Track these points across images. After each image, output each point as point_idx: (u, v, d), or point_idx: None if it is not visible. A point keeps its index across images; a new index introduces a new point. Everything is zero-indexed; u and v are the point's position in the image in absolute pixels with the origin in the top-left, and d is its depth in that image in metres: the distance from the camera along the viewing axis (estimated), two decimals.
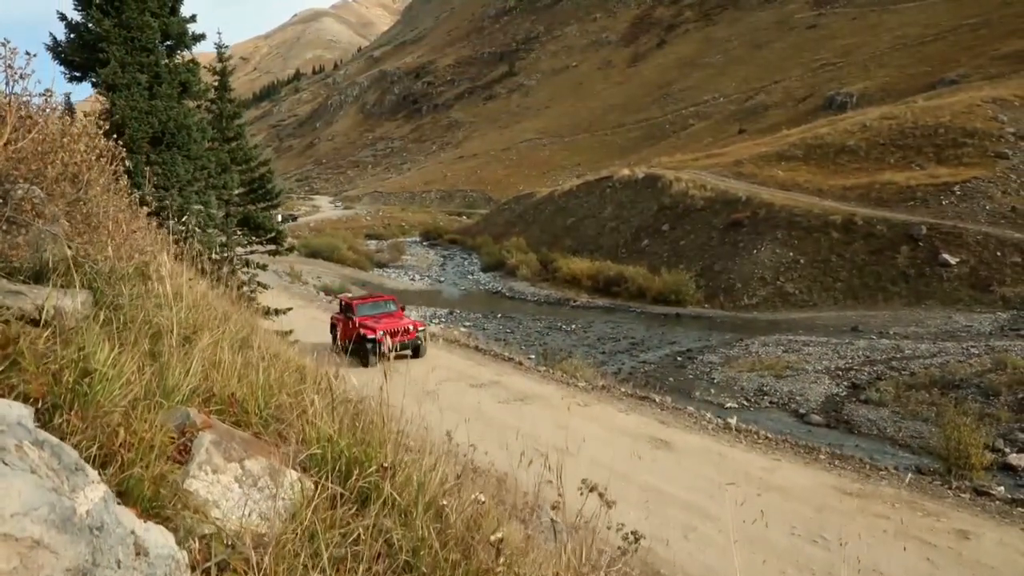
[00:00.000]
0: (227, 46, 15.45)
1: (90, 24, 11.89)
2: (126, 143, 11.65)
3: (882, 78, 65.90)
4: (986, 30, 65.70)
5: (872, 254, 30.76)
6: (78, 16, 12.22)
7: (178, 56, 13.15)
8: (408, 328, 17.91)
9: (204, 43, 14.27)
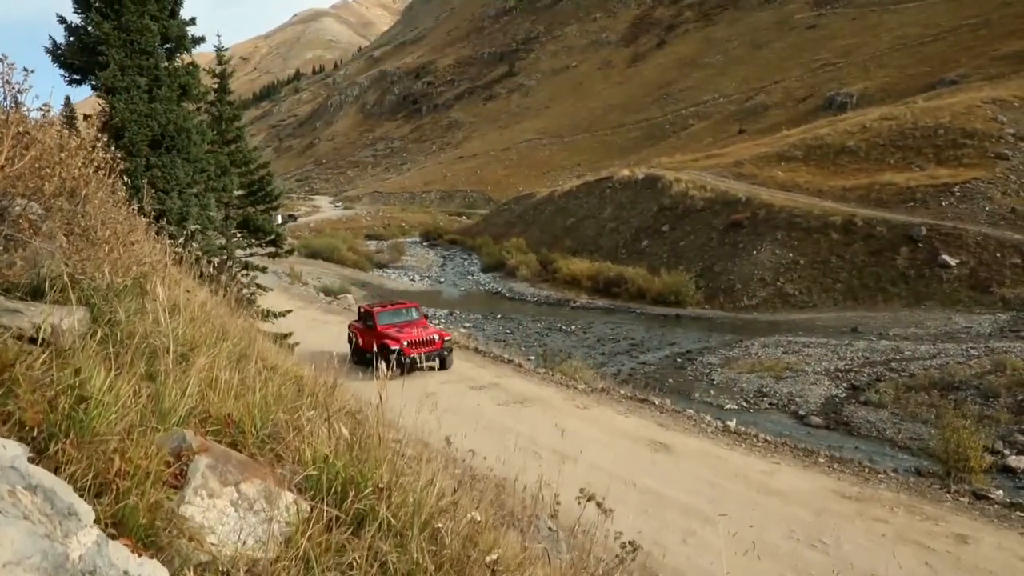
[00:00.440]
0: (227, 48, 15.46)
1: (89, 27, 11.87)
2: (125, 146, 11.68)
3: (882, 78, 65.88)
4: (986, 30, 65.67)
5: (872, 255, 30.75)
6: (77, 19, 12.20)
7: (178, 59, 13.13)
8: (433, 338, 16.84)
9: (204, 45, 14.28)
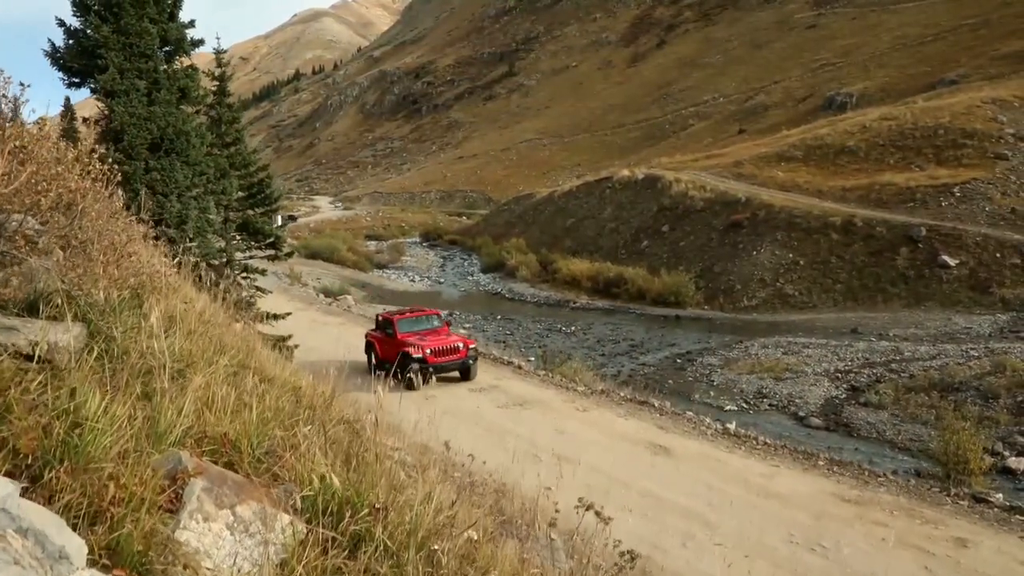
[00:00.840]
0: (225, 50, 15.45)
1: (88, 30, 11.85)
2: (125, 149, 11.69)
3: (882, 78, 65.84)
4: (986, 30, 65.64)
5: (872, 255, 30.74)
6: (76, 22, 12.19)
7: (177, 61, 13.12)
8: (457, 346, 16.17)
9: (203, 46, 14.26)
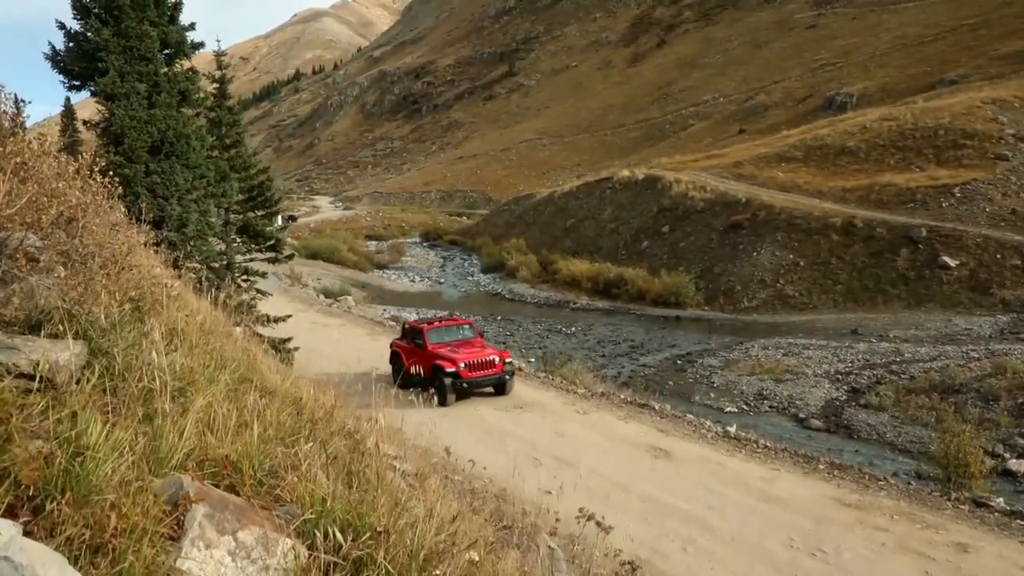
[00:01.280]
0: (226, 52, 15.44)
1: (89, 33, 11.85)
2: (125, 152, 11.70)
3: (882, 78, 65.83)
4: (986, 30, 65.62)
5: (872, 256, 30.73)
6: (77, 25, 12.19)
7: (177, 64, 13.12)
8: (493, 360, 14.89)
9: (203, 48, 14.25)
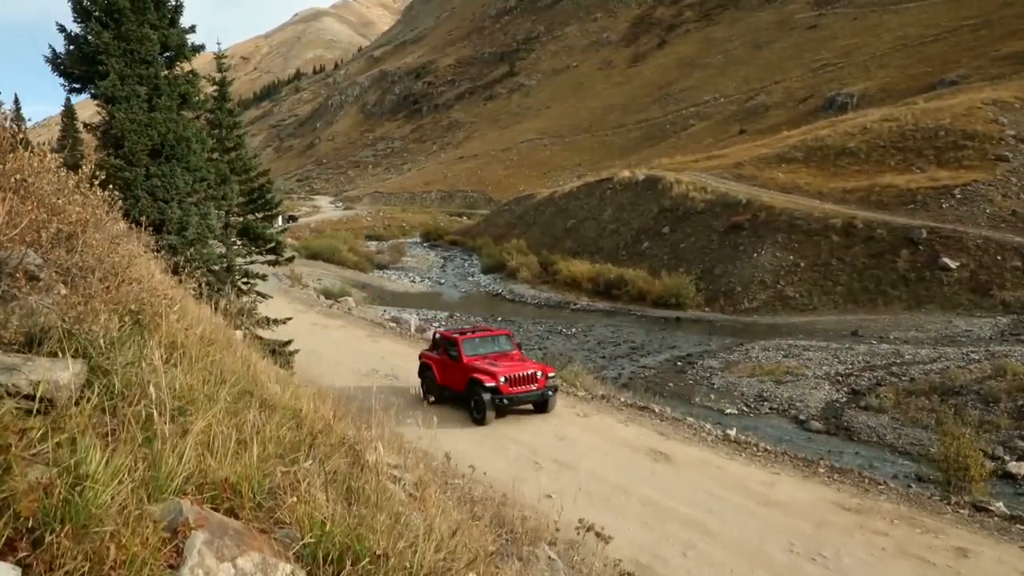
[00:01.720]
0: (226, 56, 15.44)
1: (89, 36, 11.85)
2: (125, 156, 11.70)
3: (882, 78, 65.82)
4: (986, 31, 65.61)
5: (872, 258, 30.73)
6: (77, 28, 12.19)
7: (177, 67, 13.11)
8: (534, 374, 13.77)
9: (203, 51, 14.24)
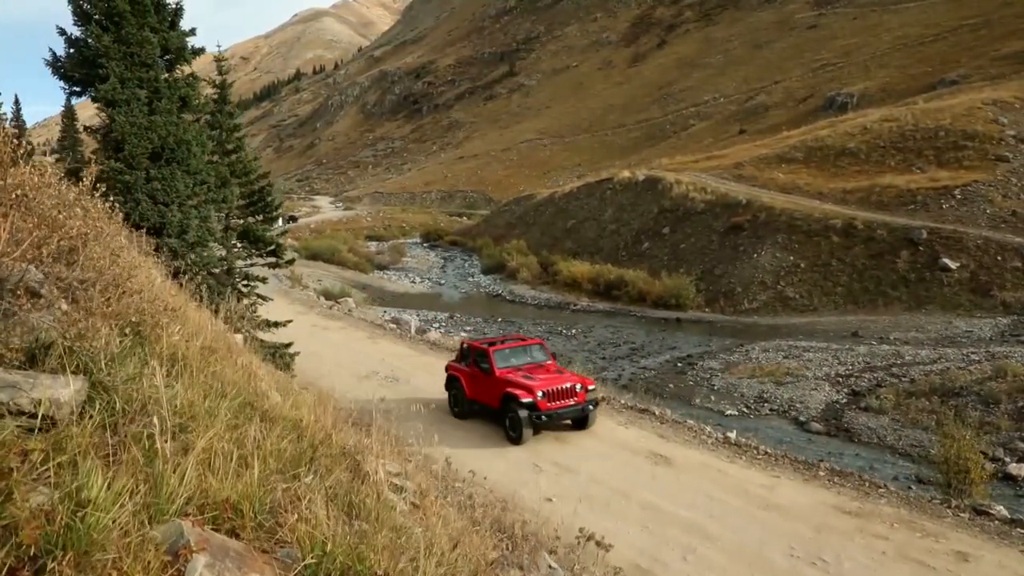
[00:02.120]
0: (226, 59, 15.44)
1: (89, 39, 11.86)
2: (125, 159, 11.71)
3: (882, 78, 65.81)
4: (986, 31, 65.60)
5: (872, 258, 30.73)
6: (77, 31, 12.20)
7: (177, 70, 13.12)
8: (574, 387, 12.74)
9: (203, 53, 14.24)
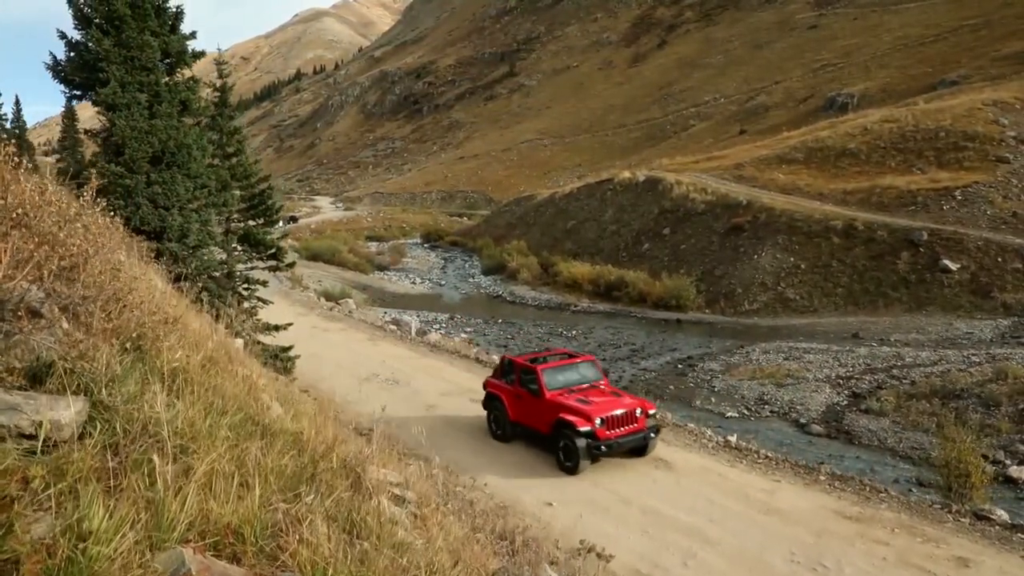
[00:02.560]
0: (227, 63, 15.44)
1: (90, 43, 11.86)
2: (126, 163, 11.71)
3: (883, 79, 65.79)
4: (986, 31, 65.57)
5: (873, 259, 30.71)
6: (78, 35, 12.20)
7: (178, 73, 13.12)
8: (633, 412, 11.37)
9: (203, 57, 14.24)
